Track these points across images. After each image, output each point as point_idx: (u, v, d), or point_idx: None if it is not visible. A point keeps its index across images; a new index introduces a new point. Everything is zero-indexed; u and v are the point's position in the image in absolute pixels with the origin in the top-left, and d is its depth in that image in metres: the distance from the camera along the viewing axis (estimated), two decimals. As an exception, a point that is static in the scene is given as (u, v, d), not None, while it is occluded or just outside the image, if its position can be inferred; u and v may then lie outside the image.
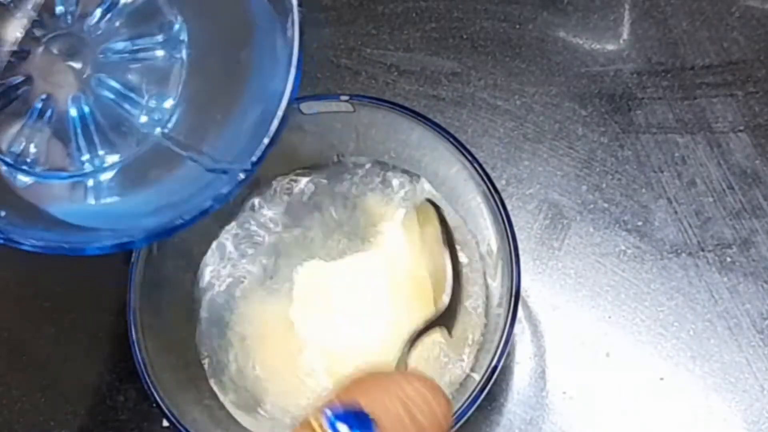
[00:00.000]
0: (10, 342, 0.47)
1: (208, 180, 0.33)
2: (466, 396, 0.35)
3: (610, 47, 0.49)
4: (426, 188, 0.43)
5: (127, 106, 0.34)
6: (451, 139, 0.38)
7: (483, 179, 0.38)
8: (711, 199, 0.45)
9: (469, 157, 0.38)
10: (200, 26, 0.34)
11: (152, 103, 0.34)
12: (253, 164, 0.32)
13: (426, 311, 0.38)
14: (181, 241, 0.41)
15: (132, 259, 0.38)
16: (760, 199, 0.45)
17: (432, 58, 0.50)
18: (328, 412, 0.25)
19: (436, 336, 0.38)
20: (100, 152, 0.33)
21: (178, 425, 0.36)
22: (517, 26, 0.50)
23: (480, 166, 0.38)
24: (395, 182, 0.43)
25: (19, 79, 0.33)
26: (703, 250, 0.45)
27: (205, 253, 0.43)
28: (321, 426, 0.25)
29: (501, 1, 0.50)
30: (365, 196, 0.43)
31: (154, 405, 0.36)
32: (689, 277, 0.44)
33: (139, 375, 0.36)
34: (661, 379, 0.43)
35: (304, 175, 0.43)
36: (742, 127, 0.47)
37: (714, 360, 0.43)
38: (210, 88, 0.34)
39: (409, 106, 0.39)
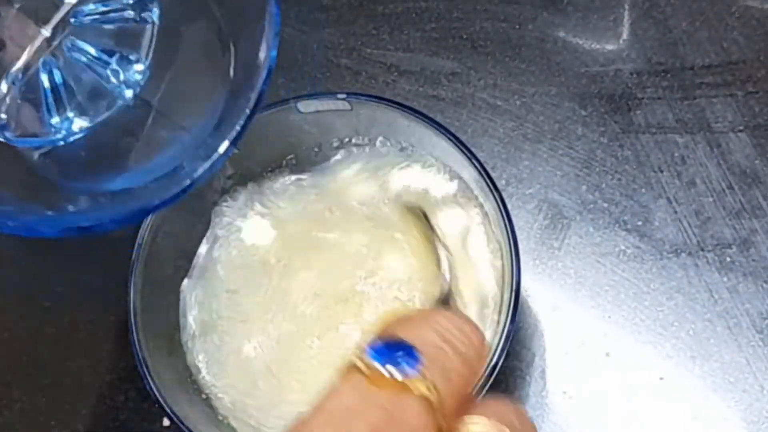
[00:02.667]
0: (10, 342, 0.47)
1: (184, 157, 0.32)
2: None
3: (610, 47, 0.49)
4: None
5: (98, 68, 0.33)
6: (451, 138, 0.38)
7: (483, 178, 0.38)
8: (711, 199, 0.45)
9: (470, 156, 0.38)
10: None
11: (123, 66, 0.34)
12: (233, 139, 0.31)
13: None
14: (182, 240, 0.41)
15: (132, 259, 0.38)
16: (760, 199, 0.45)
17: (432, 58, 0.50)
18: (370, 349, 0.25)
19: None
20: (70, 114, 0.33)
21: (179, 425, 0.36)
22: (517, 26, 0.50)
23: (480, 164, 0.38)
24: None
25: None
26: (702, 250, 0.45)
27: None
28: (366, 363, 0.24)
29: (501, 2, 0.51)
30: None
31: (155, 404, 0.36)
32: (689, 277, 0.44)
33: (140, 374, 0.36)
34: (661, 378, 0.43)
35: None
36: (741, 127, 0.47)
37: (714, 360, 0.43)
38: (185, 57, 0.34)
39: (409, 106, 0.39)
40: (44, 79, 0.33)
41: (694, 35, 0.48)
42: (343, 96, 0.39)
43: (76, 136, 0.33)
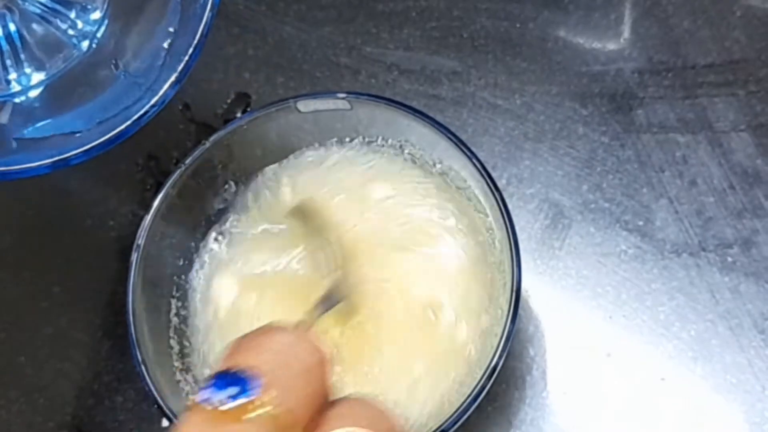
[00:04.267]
0: (8, 342, 0.47)
1: (136, 95, 0.33)
2: (467, 396, 0.35)
3: (611, 46, 0.49)
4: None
5: (54, 20, 0.33)
6: (451, 137, 0.38)
7: (484, 178, 0.38)
8: (712, 199, 0.45)
9: (470, 155, 0.38)
10: None
11: (80, 16, 0.34)
12: (177, 75, 0.32)
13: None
14: (181, 240, 0.41)
15: (131, 259, 0.38)
16: (762, 199, 0.45)
17: (432, 57, 0.49)
18: (207, 384, 0.25)
19: None
20: (27, 70, 0.33)
21: (177, 426, 0.36)
22: (518, 25, 0.50)
23: (481, 164, 0.38)
24: None
25: None
26: (704, 250, 0.44)
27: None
28: (204, 400, 0.24)
29: (501, 0, 0.50)
30: None
31: (154, 405, 0.36)
32: (690, 277, 0.44)
33: (138, 375, 0.36)
34: (662, 379, 0.43)
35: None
36: (743, 127, 0.46)
37: (715, 360, 0.43)
38: (136, 2, 0.34)
39: (409, 105, 0.39)
40: None
41: (695, 34, 0.48)
42: (343, 95, 0.39)
43: (34, 90, 0.33)
